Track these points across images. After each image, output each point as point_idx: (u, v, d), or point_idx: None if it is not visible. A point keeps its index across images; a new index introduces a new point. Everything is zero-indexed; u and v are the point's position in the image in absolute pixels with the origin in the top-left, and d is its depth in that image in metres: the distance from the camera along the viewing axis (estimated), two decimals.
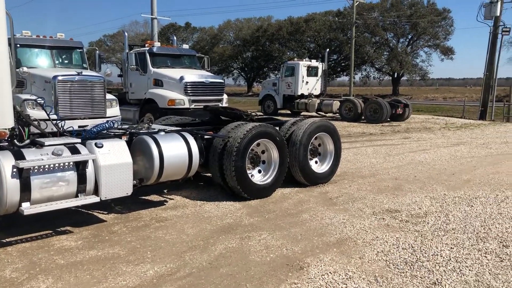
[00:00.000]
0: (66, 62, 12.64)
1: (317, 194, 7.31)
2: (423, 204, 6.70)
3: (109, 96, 12.09)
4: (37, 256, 4.67)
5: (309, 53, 55.10)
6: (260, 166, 7.16)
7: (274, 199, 6.99)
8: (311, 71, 25.38)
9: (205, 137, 6.86)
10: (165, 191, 7.37)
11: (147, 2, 25.21)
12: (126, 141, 5.95)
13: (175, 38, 18.31)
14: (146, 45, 15.87)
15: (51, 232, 5.40)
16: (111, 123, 6.19)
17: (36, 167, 4.80)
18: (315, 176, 7.81)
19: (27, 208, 4.75)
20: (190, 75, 14.74)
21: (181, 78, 14.37)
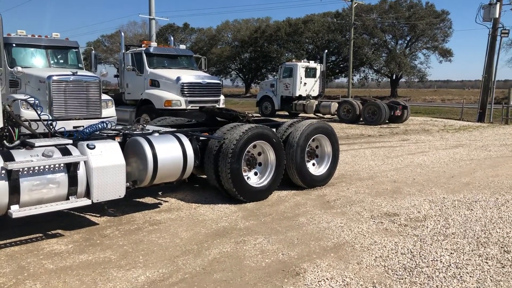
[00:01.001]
0: (61, 62, 12.51)
1: (314, 197, 7.19)
2: (422, 208, 6.59)
3: (104, 97, 11.96)
4: (25, 261, 4.54)
5: (307, 54, 55.08)
6: (257, 168, 7.03)
7: (271, 202, 6.87)
8: (309, 72, 25.27)
9: (201, 138, 6.74)
10: (160, 194, 7.24)
11: (145, 3, 25.12)
12: (119, 142, 5.81)
13: (172, 39, 18.17)
14: (143, 45, 15.74)
15: (41, 235, 5.26)
16: (104, 124, 6.06)
17: (26, 168, 4.69)
18: (312, 178, 7.69)
19: (16, 211, 4.62)
20: (187, 75, 14.62)
21: (177, 78, 14.24)
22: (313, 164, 7.93)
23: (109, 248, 4.90)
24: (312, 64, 25.80)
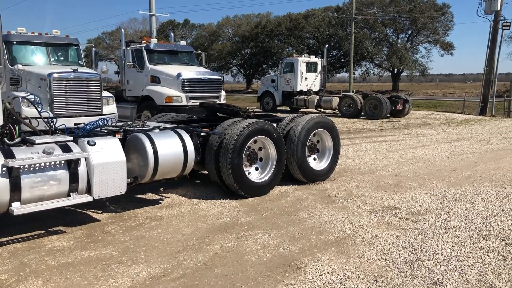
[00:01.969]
0: (62, 59, 12.51)
1: (315, 192, 7.19)
2: (423, 201, 6.58)
3: (105, 94, 11.96)
4: (27, 257, 4.56)
5: (308, 49, 54.99)
6: (257, 163, 7.04)
7: (272, 197, 6.87)
8: (310, 67, 25.20)
9: (201, 134, 6.74)
10: (161, 190, 7.25)
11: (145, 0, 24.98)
12: (120, 138, 5.82)
13: (172, 35, 18.16)
14: (143, 41, 15.72)
15: (43, 232, 5.28)
16: (104, 121, 6.07)
17: (27, 165, 4.69)
18: (313, 173, 7.69)
19: (17, 208, 4.63)
20: (188, 71, 14.61)
21: (178, 75, 14.23)
22: (314, 159, 7.93)
23: (111, 244, 4.92)
24: (312, 59, 25.71)
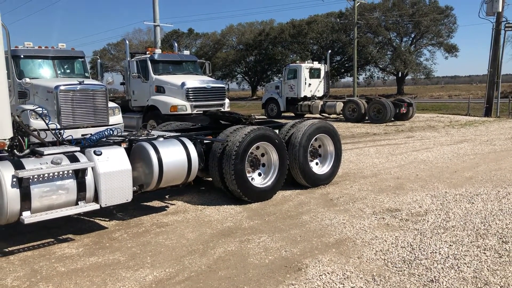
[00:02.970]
0: (68, 71, 12.79)
1: (318, 196, 7.32)
2: (423, 203, 6.70)
3: (111, 104, 12.20)
4: (38, 264, 4.73)
5: (312, 55, 55.15)
6: (260, 169, 7.19)
7: (275, 201, 7.01)
8: (314, 73, 25.38)
9: (204, 141, 6.91)
10: (167, 197, 7.42)
11: (150, 10, 25.36)
12: (125, 148, 6.00)
13: (176, 44, 18.40)
14: (148, 52, 15.98)
15: (52, 240, 5.46)
16: (110, 131, 6.26)
17: (36, 176, 4.87)
18: (315, 177, 7.82)
19: (27, 217, 4.81)
20: (192, 80, 14.82)
21: (182, 84, 14.45)
22: (316, 164, 8.07)
23: (118, 250, 5.08)
24: (316, 64, 25.90)
